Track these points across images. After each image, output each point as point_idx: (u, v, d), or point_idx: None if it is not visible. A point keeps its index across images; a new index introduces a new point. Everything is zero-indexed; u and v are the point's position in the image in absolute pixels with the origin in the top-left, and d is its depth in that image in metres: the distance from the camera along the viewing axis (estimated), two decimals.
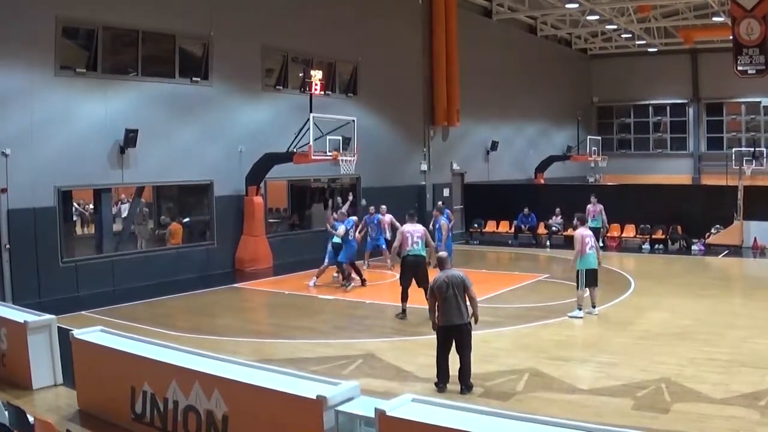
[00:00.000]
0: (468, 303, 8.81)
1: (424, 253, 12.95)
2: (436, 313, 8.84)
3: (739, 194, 21.37)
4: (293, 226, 21.59)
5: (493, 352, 10.44)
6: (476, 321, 8.96)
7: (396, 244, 13.36)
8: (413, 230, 12.92)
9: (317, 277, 16.08)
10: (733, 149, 32.36)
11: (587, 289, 12.75)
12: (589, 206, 19.89)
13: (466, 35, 26.45)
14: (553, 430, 5.11)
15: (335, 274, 16.31)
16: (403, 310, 12.71)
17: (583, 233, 12.80)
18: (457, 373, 8.76)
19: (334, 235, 15.68)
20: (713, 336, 11.19)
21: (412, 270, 12.82)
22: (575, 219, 13.83)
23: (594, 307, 12.81)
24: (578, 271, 12.65)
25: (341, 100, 21.96)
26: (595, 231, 17.90)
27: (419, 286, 12.58)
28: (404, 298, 12.74)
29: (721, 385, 8.60)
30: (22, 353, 8.76)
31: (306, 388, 6.14)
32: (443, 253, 10.02)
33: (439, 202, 20.01)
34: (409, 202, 24.10)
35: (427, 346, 11.04)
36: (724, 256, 20.55)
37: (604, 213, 20.54)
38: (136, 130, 16.04)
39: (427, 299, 9.77)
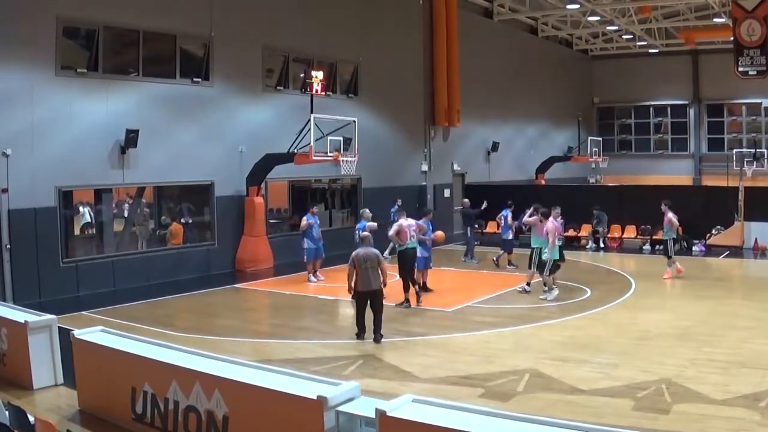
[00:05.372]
0: (380, 273, 11.05)
1: (416, 246, 14.22)
2: (354, 281, 11.05)
3: (739, 195, 21.36)
4: (294, 226, 21.53)
5: (493, 353, 10.44)
6: (384, 286, 11.26)
7: (395, 237, 14.09)
8: (408, 224, 14.07)
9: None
10: (734, 150, 32.39)
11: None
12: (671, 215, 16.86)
13: (466, 36, 26.47)
14: (553, 431, 5.10)
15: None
16: (408, 300, 13.74)
17: (547, 227, 14.31)
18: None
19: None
20: (714, 337, 11.18)
21: (411, 262, 14.00)
22: (539, 212, 14.94)
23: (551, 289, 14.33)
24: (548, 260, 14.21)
25: (342, 100, 21.96)
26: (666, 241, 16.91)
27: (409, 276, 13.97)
28: (407, 288, 13.74)
29: (722, 386, 8.59)
30: (22, 353, 8.76)
31: (306, 388, 6.13)
32: (366, 233, 11.97)
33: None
34: (410, 203, 24.12)
35: (428, 347, 11.08)
36: (724, 257, 20.54)
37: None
38: (137, 131, 16.04)
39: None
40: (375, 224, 15.07)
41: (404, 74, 24.56)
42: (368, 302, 11.18)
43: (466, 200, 20.62)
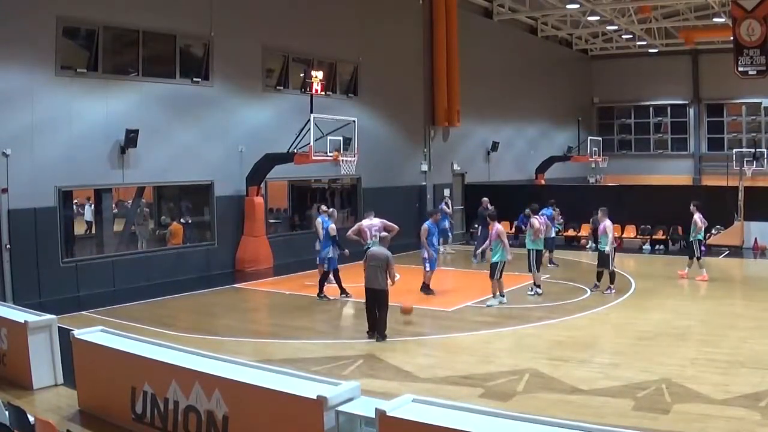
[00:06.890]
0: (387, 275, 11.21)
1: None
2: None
3: (739, 195, 21.36)
4: (294, 226, 21.59)
5: (493, 353, 10.45)
6: (393, 283, 11.48)
7: (353, 236, 14.87)
8: (370, 224, 14.67)
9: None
10: (734, 150, 32.37)
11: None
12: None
13: (466, 36, 26.46)
14: (553, 431, 5.10)
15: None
16: None
17: (496, 230, 13.90)
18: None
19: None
20: (714, 337, 11.19)
21: None
22: (487, 218, 15.04)
23: (501, 295, 13.96)
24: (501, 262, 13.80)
25: (342, 100, 21.96)
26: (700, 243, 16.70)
27: None
28: None
29: (722, 386, 8.60)
30: (22, 353, 8.76)
31: (306, 388, 6.14)
32: (384, 233, 12.90)
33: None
34: (410, 203, 24.16)
35: (427, 346, 11.10)
36: (724, 256, 20.54)
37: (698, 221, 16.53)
38: (137, 131, 16.04)
39: None
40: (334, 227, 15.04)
41: (404, 74, 24.56)
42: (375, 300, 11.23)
43: (486, 198, 20.60)
